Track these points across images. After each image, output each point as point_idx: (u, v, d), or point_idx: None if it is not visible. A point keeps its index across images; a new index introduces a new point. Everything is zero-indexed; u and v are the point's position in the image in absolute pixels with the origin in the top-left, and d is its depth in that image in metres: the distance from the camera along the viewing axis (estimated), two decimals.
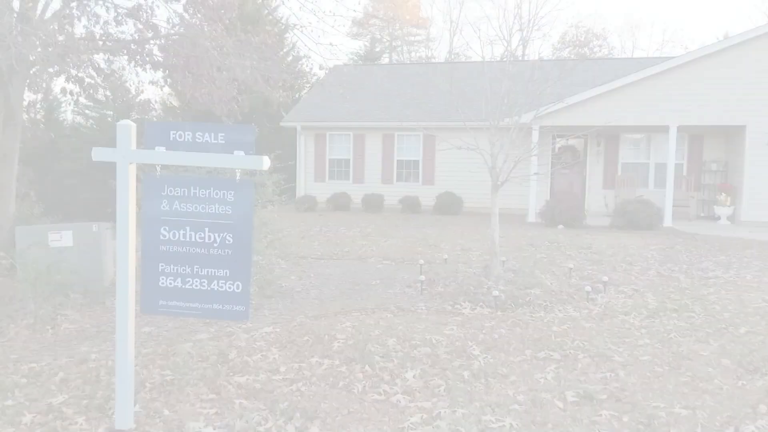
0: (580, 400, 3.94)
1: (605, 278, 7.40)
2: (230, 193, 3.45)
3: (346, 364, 4.59)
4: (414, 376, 4.34)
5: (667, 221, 14.07)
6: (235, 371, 4.48)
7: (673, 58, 15.10)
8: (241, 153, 3.39)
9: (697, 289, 7.34)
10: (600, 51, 38.94)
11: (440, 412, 3.76)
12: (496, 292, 6.50)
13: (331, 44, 9.21)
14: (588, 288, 6.86)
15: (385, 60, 39.51)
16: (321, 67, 11.42)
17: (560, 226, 13.55)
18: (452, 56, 35.81)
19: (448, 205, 16.62)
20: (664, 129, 14.72)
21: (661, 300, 6.70)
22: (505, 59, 8.68)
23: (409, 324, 5.66)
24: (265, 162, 3.31)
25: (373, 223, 14.12)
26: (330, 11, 8.72)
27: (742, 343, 5.20)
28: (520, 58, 8.60)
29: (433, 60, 39.15)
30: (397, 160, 18.47)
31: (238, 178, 3.43)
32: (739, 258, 9.50)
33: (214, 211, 3.48)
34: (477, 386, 4.19)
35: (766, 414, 3.80)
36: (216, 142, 3.47)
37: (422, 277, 7.27)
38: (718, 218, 14.77)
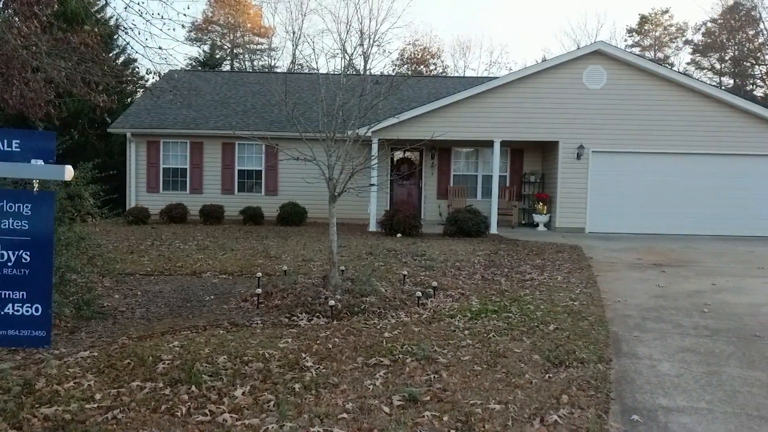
0: (405, 404, 4.09)
1: (435, 283, 7.80)
2: (27, 207, 3.11)
3: (171, 386, 4.34)
4: (243, 393, 4.22)
5: (493, 229, 15.24)
6: (43, 402, 4.04)
7: (497, 78, 16.41)
8: (40, 162, 3.08)
9: (516, 290, 8.00)
10: (436, 69, 41.27)
11: (268, 428, 3.69)
12: (332, 302, 6.55)
13: (160, 48, 8.74)
14: (419, 293, 7.17)
15: (226, 67, 38.48)
16: (148, 72, 10.80)
17: (399, 235, 14.08)
18: (296, 67, 35.79)
19: (292, 215, 16.54)
20: (490, 143, 15.95)
21: (484, 302, 7.21)
22: (342, 73, 8.84)
23: (242, 340, 5.50)
24: (68, 172, 3.03)
25: (212, 236, 13.61)
26: (158, 14, 8.26)
27: (551, 339, 5.74)
28: (361, 73, 8.78)
29: (276, 70, 38.88)
30: (238, 170, 18.03)
31: (35, 188, 3.11)
32: (552, 261, 10.52)
33: (7, 226, 3.11)
34: (308, 398, 4.18)
35: (567, 404, 4.21)
36: (10, 149, 3.11)
37: (258, 291, 7.12)
38: (537, 225, 16.28)
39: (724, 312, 7.03)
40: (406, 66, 39.61)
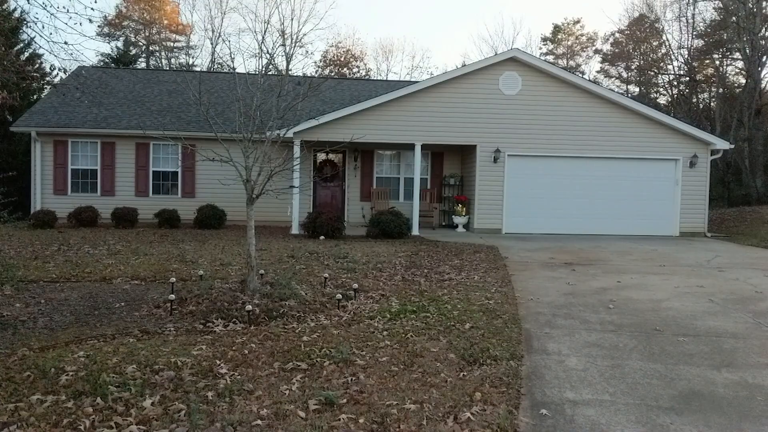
0: (321, 407, 4.07)
1: (356, 285, 7.81)
2: None
3: (75, 399, 4.11)
4: (152, 404, 4.06)
5: (415, 230, 15.47)
6: None
7: (418, 82, 16.66)
8: None
9: (434, 291, 8.14)
10: (359, 72, 41.39)
11: None
12: (249, 307, 6.42)
13: (66, 43, 8.27)
14: (339, 296, 7.16)
15: (141, 65, 37.04)
16: (53, 68, 10.24)
17: (321, 237, 14.01)
18: (215, 66, 34.94)
19: (210, 218, 16.11)
20: (412, 146, 16.16)
21: (403, 303, 7.29)
22: (259, 73, 8.70)
23: (153, 348, 5.30)
24: None
25: (124, 240, 13.04)
26: (63, 7, 7.84)
27: (466, 337, 5.88)
28: (282, 73, 8.66)
29: (195, 68, 37.79)
30: (153, 171, 17.36)
31: None
32: (470, 261, 10.79)
33: None
34: (221, 406, 4.08)
35: (480, 401, 4.31)
36: None
37: (172, 296, 6.88)
38: (456, 227, 16.65)
39: (627, 308, 7.44)
40: (329, 68, 39.50)
